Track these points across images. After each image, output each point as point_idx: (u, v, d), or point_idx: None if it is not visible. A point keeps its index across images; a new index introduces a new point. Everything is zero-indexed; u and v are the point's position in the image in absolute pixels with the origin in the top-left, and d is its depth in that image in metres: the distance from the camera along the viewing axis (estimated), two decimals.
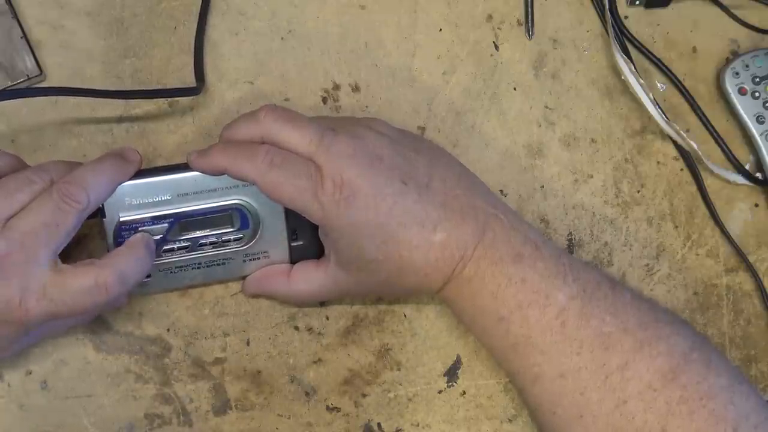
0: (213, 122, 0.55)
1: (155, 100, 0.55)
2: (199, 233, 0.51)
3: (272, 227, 0.52)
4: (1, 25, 0.53)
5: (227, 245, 0.52)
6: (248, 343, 0.56)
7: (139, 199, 0.49)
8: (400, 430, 0.57)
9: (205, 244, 0.51)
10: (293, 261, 0.53)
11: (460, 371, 0.58)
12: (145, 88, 0.54)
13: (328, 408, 0.57)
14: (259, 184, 0.47)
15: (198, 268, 0.52)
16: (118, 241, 0.49)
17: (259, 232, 0.52)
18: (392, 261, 0.48)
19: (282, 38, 0.57)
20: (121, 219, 0.49)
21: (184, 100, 0.55)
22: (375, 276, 0.50)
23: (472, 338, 0.58)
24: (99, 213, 0.49)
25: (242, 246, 0.52)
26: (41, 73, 0.53)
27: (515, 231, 0.50)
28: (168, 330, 0.55)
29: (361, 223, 0.47)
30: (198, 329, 0.55)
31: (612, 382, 0.47)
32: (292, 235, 0.53)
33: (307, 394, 0.56)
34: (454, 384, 0.58)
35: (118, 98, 0.53)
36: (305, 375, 0.56)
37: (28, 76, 0.53)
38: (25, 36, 0.53)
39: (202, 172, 0.49)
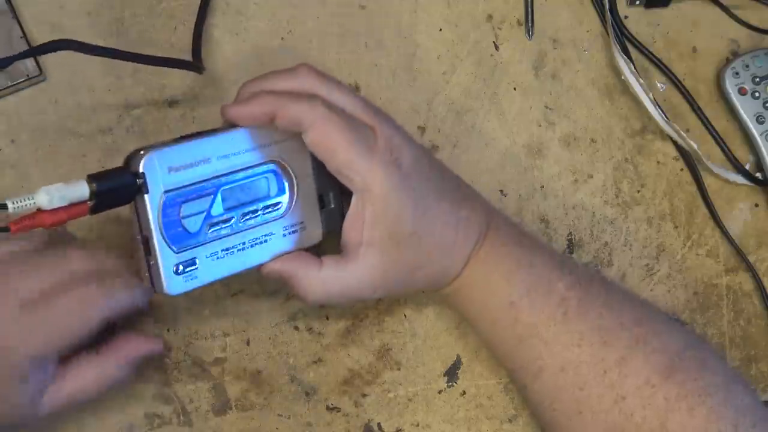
0: (213, 123, 0.55)
1: (155, 101, 0.55)
2: (242, 203, 0.47)
3: (305, 193, 0.49)
4: (1, 25, 0.53)
5: (268, 215, 0.48)
6: (248, 343, 0.56)
7: (181, 164, 0.45)
8: (400, 430, 0.57)
9: (247, 217, 0.47)
10: (326, 229, 0.50)
11: (460, 371, 0.58)
12: (150, 54, 0.51)
13: (328, 408, 0.57)
14: (315, 128, 0.44)
15: (243, 249, 0.47)
16: (164, 221, 0.44)
17: (294, 198, 0.49)
18: (428, 237, 0.48)
19: (282, 38, 0.57)
20: (166, 190, 0.44)
21: (184, 101, 0.55)
22: (409, 256, 0.48)
23: (472, 338, 0.58)
24: (136, 192, 0.44)
25: (281, 216, 0.48)
26: (41, 73, 0.53)
27: (511, 223, 0.53)
28: (168, 330, 0.55)
29: (407, 190, 0.47)
30: (198, 329, 0.55)
31: (611, 377, 0.47)
32: (320, 201, 0.50)
33: (307, 394, 0.56)
34: (454, 384, 0.58)
35: (120, 59, 0.50)
36: (305, 375, 0.56)
37: (28, 76, 0.53)
38: (25, 36, 0.53)
39: (241, 121, 0.46)
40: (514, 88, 0.59)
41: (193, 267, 0.46)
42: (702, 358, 0.48)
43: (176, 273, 0.45)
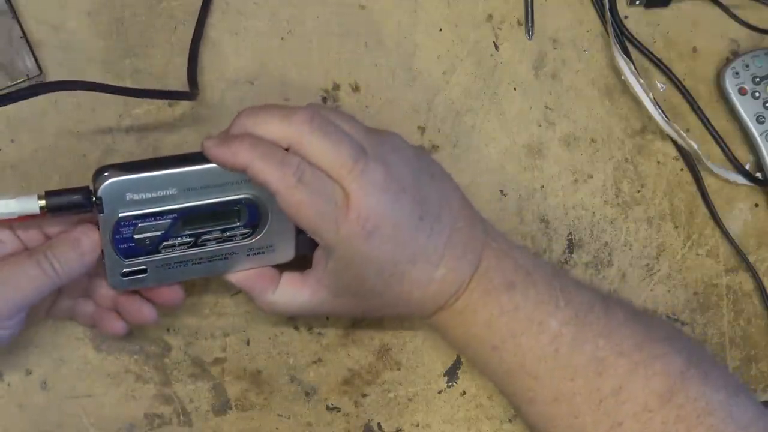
0: (212, 123, 0.55)
1: (155, 101, 0.54)
2: (203, 228, 0.47)
3: (280, 220, 0.49)
4: (1, 25, 0.53)
5: (232, 240, 0.48)
6: (248, 343, 0.56)
7: (141, 195, 0.45)
8: (400, 430, 0.57)
9: (209, 240, 0.48)
10: (298, 253, 0.51)
11: (460, 371, 0.58)
12: (140, 87, 0.53)
13: (328, 408, 0.57)
14: (281, 196, 0.44)
15: (199, 263, 0.49)
16: (116, 237, 0.46)
17: (267, 226, 0.49)
18: (391, 293, 0.48)
19: (282, 38, 0.57)
20: (121, 215, 0.45)
21: (183, 101, 0.55)
22: (365, 303, 0.49)
23: None
24: (95, 207, 0.45)
25: (248, 241, 0.49)
26: (41, 73, 0.53)
27: (507, 258, 0.50)
28: (168, 330, 0.55)
29: (374, 257, 0.46)
30: (198, 329, 0.55)
31: (606, 405, 0.47)
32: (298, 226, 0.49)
33: (307, 394, 0.56)
34: (454, 384, 0.58)
35: (111, 93, 0.50)
36: (305, 375, 0.56)
37: (27, 76, 0.53)
38: (25, 36, 0.53)
39: (218, 164, 0.45)
40: (514, 88, 0.59)
41: (143, 275, 0.48)
42: (705, 374, 0.47)
43: (123, 276, 0.48)
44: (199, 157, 0.46)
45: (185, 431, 0.55)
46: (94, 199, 0.45)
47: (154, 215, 0.46)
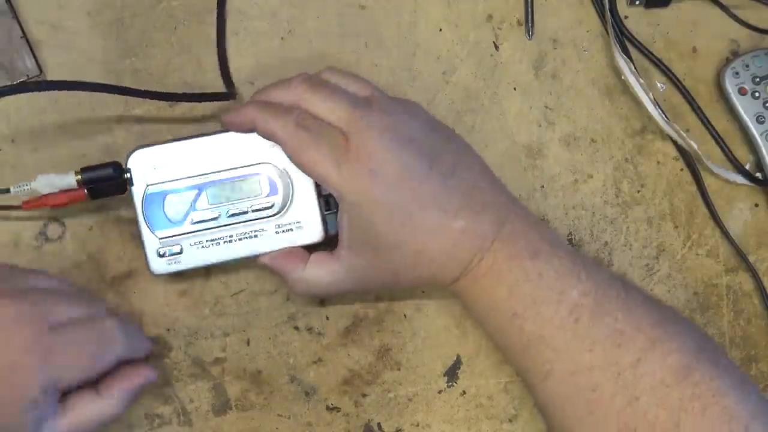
0: (212, 123, 0.55)
1: (155, 101, 0.54)
2: (230, 201, 0.51)
3: (304, 195, 0.51)
4: (1, 25, 0.53)
5: (259, 213, 0.51)
6: (248, 343, 0.56)
7: (167, 164, 0.50)
8: (400, 430, 0.57)
9: (236, 213, 0.51)
10: (327, 230, 0.52)
11: (460, 371, 0.58)
12: (181, 92, 0.54)
13: (328, 408, 0.57)
14: (284, 143, 0.48)
15: (230, 241, 0.51)
16: (146, 211, 0.50)
17: (290, 200, 0.51)
18: (409, 246, 0.48)
19: (282, 38, 0.57)
20: (149, 184, 0.50)
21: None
22: (389, 263, 0.49)
23: (472, 338, 0.58)
24: (125, 184, 0.50)
25: (274, 215, 0.51)
26: (41, 73, 0.53)
27: (532, 228, 0.50)
28: (168, 330, 0.55)
29: (381, 201, 0.47)
30: (198, 329, 0.55)
31: (624, 378, 0.47)
32: (325, 203, 0.52)
33: (307, 394, 0.56)
34: (454, 384, 0.58)
35: (150, 98, 0.52)
36: (305, 375, 0.56)
37: (27, 75, 0.53)
38: (25, 36, 0.53)
39: (231, 128, 0.50)
40: (514, 88, 0.59)
41: (178, 253, 0.51)
42: (716, 360, 0.47)
43: (160, 256, 0.51)
44: (219, 131, 0.51)
45: (185, 431, 0.55)
46: (123, 173, 0.50)
47: (181, 186, 0.50)
